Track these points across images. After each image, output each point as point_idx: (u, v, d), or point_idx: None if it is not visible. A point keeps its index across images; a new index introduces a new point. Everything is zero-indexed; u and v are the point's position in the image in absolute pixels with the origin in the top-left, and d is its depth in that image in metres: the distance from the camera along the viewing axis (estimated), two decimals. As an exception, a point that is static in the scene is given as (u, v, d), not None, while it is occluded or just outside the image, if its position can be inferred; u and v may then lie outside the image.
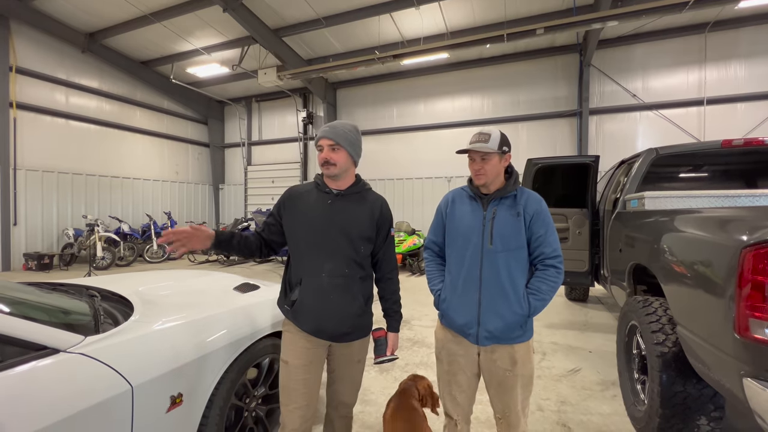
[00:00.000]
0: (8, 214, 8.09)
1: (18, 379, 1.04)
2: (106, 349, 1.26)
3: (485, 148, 1.49)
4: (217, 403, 1.63)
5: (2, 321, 1.08)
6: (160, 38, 9.19)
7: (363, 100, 11.36)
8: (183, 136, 12.28)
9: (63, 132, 9.13)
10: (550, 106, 9.25)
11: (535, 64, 9.35)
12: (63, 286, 1.91)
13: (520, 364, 1.53)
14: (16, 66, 8.24)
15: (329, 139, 1.51)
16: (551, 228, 1.55)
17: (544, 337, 4.02)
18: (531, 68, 9.40)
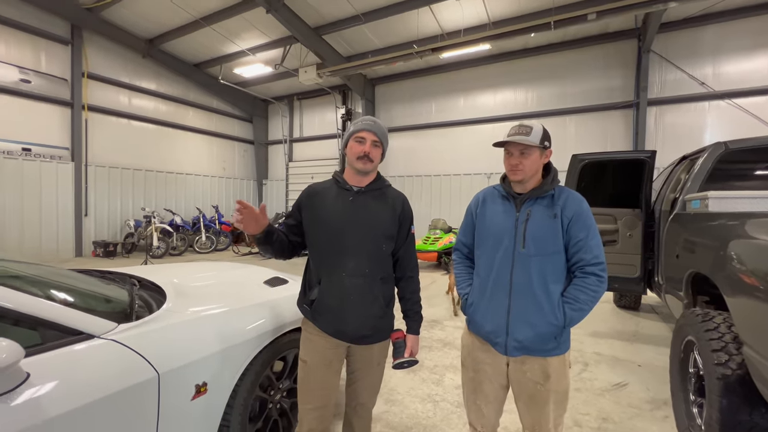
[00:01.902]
0: (81, 205, 9.01)
1: (55, 362, 1.12)
2: (136, 336, 1.32)
3: (526, 140, 1.36)
4: (242, 393, 1.68)
5: (44, 307, 1.17)
6: (210, 41, 9.71)
7: (401, 96, 11.27)
8: (230, 133, 12.95)
9: (125, 131, 9.98)
10: (601, 98, 8.59)
11: (585, 53, 8.72)
12: (110, 274, 2.07)
13: (554, 379, 1.40)
14: (88, 72, 9.11)
15: (373, 133, 1.48)
16: (593, 232, 1.40)
17: (586, 346, 3.74)
18: (580, 57, 8.78)
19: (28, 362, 1.05)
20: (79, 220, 8.98)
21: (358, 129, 1.50)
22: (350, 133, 1.52)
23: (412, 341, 1.57)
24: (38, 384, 1.04)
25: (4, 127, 7.80)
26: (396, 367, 1.54)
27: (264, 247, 1.50)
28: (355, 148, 1.48)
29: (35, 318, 1.13)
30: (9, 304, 1.11)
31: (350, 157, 1.50)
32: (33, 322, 1.13)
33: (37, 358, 1.08)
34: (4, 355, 0.91)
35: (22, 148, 8.02)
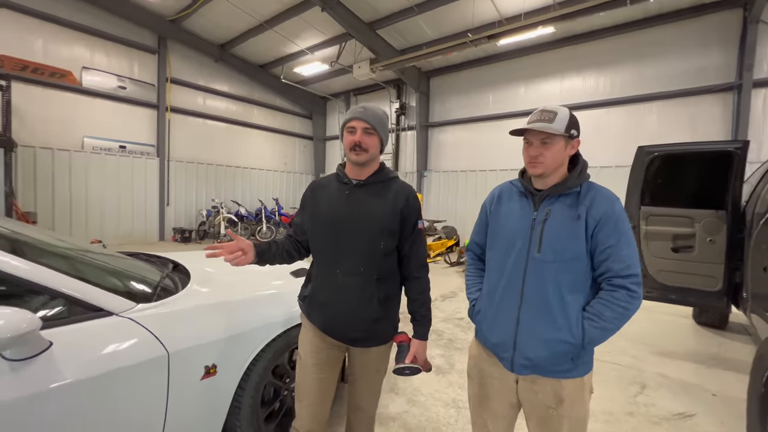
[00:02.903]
0: (164, 196, 10.21)
1: (76, 334, 1.25)
2: (151, 317, 1.44)
3: (548, 128, 1.18)
4: (253, 378, 1.74)
5: (71, 285, 1.31)
6: (273, 43, 10.29)
7: (457, 88, 10.89)
8: (291, 130, 13.67)
9: (201, 129, 11.05)
10: (690, 81, 7.42)
11: (670, 30, 7.58)
12: (153, 258, 2.29)
13: (568, 404, 1.22)
14: (171, 77, 10.24)
15: (363, 121, 1.39)
16: (626, 238, 1.18)
17: (649, 365, 3.29)
18: (665, 35, 7.65)
19: (53, 333, 1.19)
20: (162, 209, 10.19)
21: (348, 119, 1.42)
22: (342, 125, 1.45)
23: (416, 347, 1.45)
24: (59, 352, 1.18)
25: (105, 127, 9.11)
26: (396, 372, 1.44)
27: (265, 264, 1.50)
28: (347, 139, 1.41)
29: (63, 294, 1.28)
30: (42, 281, 1.26)
31: (345, 150, 1.44)
32: (61, 298, 1.28)
33: (60, 329, 1.22)
34: (24, 325, 1.03)
35: (119, 146, 9.32)
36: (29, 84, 7.90)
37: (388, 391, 2.66)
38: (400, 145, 12.23)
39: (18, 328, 1.02)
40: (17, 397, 1.08)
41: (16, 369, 1.10)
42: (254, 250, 1.45)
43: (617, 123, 8.32)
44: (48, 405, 1.14)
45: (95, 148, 8.92)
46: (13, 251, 1.31)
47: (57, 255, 1.62)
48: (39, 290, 1.25)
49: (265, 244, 1.52)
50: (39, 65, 8.04)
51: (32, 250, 1.55)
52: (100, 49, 9.00)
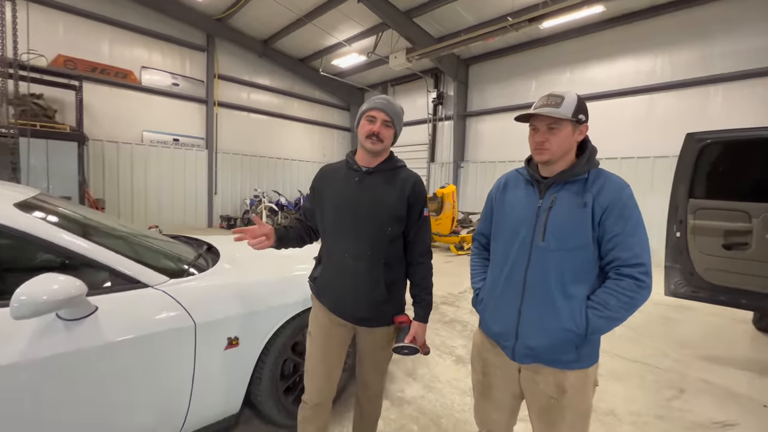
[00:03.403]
0: (212, 186, 10.93)
1: (117, 302, 1.44)
2: (181, 290, 1.60)
3: (554, 113, 1.16)
4: (273, 353, 1.88)
5: (115, 259, 1.50)
6: (312, 36, 10.52)
7: (497, 75, 10.50)
8: (329, 122, 13.96)
9: (245, 122, 11.64)
10: (763, 59, 6.57)
11: (741, 3, 6.73)
12: (192, 240, 2.51)
13: (570, 396, 1.20)
14: (219, 73, 10.85)
15: (386, 113, 1.44)
16: (635, 226, 1.14)
17: (693, 370, 3.06)
18: (734, 8, 6.81)
19: (99, 299, 1.38)
20: (210, 198, 10.93)
21: (370, 107, 1.46)
22: (362, 112, 1.49)
23: (416, 328, 1.51)
24: (102, 316, 1.36)
25: (161, 122, 9.89)
26: (395, 351, 1.51)
27: (282, 248, 1.60)
28: (365, 127, 1.45)
29: (108, 267, 1.47)
30: (97, 257, 1.45)
31: (360, 137, 1.48)
32: (106, 270, 1.47)
33: (104, 297, 1.41)
34: (73, 290, 1.21)
35: (172, 139, 10.09)
36: (97, 83, 8.76)
37: (405, 377, 2.72)
38: (437, 135, 12.07)
39: (68, 292, 1.19)
40: (69, 351, 1.28)
41: (69, 328, 1.29)
42: (275, 235, 1.55)
43: (676, 109, 7.60)
44: (93, 360, 1.33)
45: (153, 141, 9.73)
46: (73, 230, 1.51)
47: (110, 235, 1.85)
48: (90, 263, 1.45)
49: (283, 229, 1.61)
50: (106, 66, 8.90)
51: (88, 229, 1.78)
52: (157, 49, 9.74)
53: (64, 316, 1.28)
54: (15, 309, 1.12)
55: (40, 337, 1.24)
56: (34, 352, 1.22)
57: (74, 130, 7.21)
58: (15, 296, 1.12)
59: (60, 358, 1.26)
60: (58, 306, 1.20)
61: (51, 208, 1.66)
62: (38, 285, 1.16)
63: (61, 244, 1.39)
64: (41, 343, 1.24)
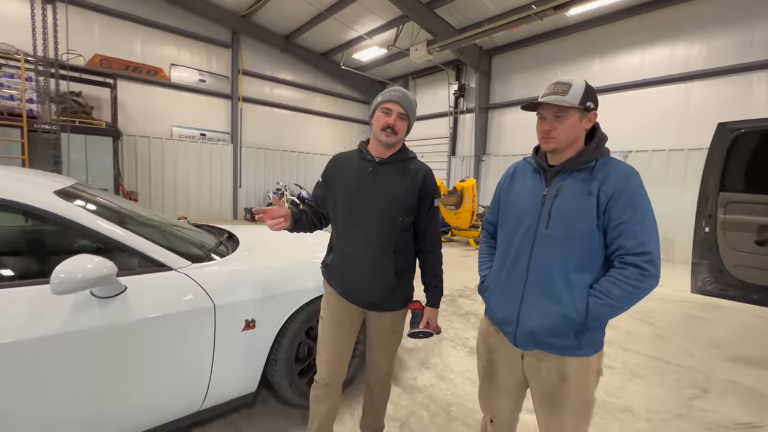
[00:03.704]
0: (237, 179, 11.29)
1: (144, 282, 1.55)
2: (202, 274, 1.70)
3: (561, 101, 1.16)
4: (288, 336, 1.97)
5: (143, 244, 1.61)
6: (333, 30, 10.58)
7: (521, 65, 10.22)
8: (350, 116, 14.05)
9: (268, 117, 11.90)
10: (818, 42, 6.08)
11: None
12: (214, 229, 2.63)
13: (572, 384, 1.21)
14: (243, 69, 11.12)
15: (402, 106, 1.48)
16: (642, 214, 1.12)
17: (719, 370, 2.94)
18: (785, -13, 6.33)
19: (128, 279, 1.50)
20: (235, 191, 11.30)
21: (386, 99, 1.49)
22: (378, 103, 1.52)
23: (429, 313, 1.59)
24: (131, 295, 1.48)
25: (189, 117, 10.28)
26: (411, 335, 1.58)
27: (295, 231, 1.67)
28: (381, 119, 1.48)
29: (137, 251, 1.58)
30: (127, 241, 1.57)
31: (375, 128, 1.51)
32: (135, 254, 1.59)
33: (133, 278, 1.52)
34: (105, 270, 1.33)
35: (199, 134, 10.47)
36: (130, 81, 9.19)
37: (418, 365, 2.77)
38: (458, 128, 11.92)
39: (101, 272, 1.31)
40: (102, 325, 1.40)
41: (102, 304, 1.41)
42: (291, 218, 1.61)
43: (714, 98, 7.17)
44: (122, 334, 1.44)
45: (181, 136, 10.13)
46: (105, 217, 1.63)
47: (139, 222, 1.97)
48: (120, 247, 1.57)
49: (298, 212, 1.67)
50: (138, 64, 9.31)
51: (118, 216, 1.91)
52: (185, 46, 10.09)
53: (98, 293, 1.40)
54: (55, 285, 1.24)
55: (76, 312, 1.36)
56: (72, 325, 1.34)
57: (110, 126, 7.62)
58: (54, 273, 1.24)
59: (94, 331, 1.38)
60: (92, 284, 1.31)
61: (87, 196, 1.80)
62: (75, 264, 1.27)
63: (94, 228, 1.51)
64: (78, 318, 1.36)
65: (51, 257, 2.00)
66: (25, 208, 1.43)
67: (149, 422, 1.60)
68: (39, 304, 1.33)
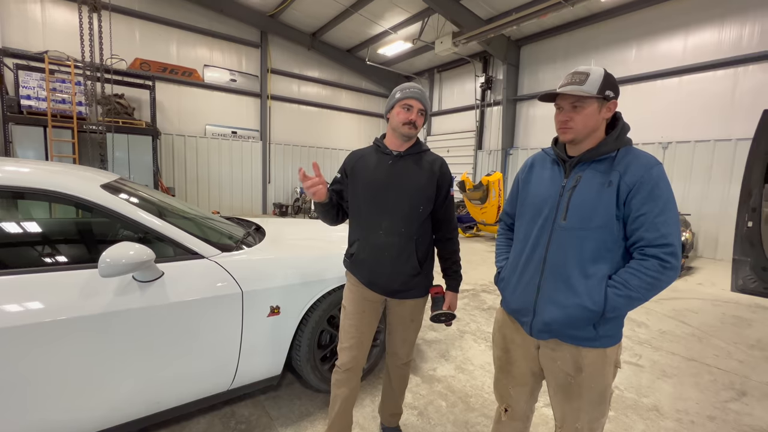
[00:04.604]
0: (266, 175, 11.66)
1: (179, 269, 1.68)
2: (231, 262, 1.82)
3: (578, 90, 1.14)
4: (311, 323, 2.06)
5: (179, 234, 1.74)
6: (358, 26, 10.65)
7: (552, 55, 9.85)
8: (376, 111, 14.10)
9: (295, 114, 12.18)
10: None
11: None
12: (243, 221, 2.77)
13: (587, 375, 1.21)
14: (271, 68, 11.42)
15: (421, 102, 1.56)
16: (663, 205, 1.10)
17: (757, 372, 2.78)
18: None
19: (165, 266, 1.63)
20: (265, 187, 11.68)
21: (406, 96, 1.55)
22: (396, 100, 1.58)
23: (450, 297, 1.67)
24: (168, 280, 1.61)
25: (221, 116, 10.71)
26: (433, 319, 1.64)
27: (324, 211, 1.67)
28: (402, 115, 1.55)
29: (173, 240, 1.72)
30: (164, 231, 1.71)
31: (396, 123, 1.57)
32: (171, 243, 1.72)
33: (169, 264, 1.66)
34: (145, 256, 1.45)
35: (231, 132, 10.88)
36: (167, 83, 9.69)
37: (438, 357, 2.80)
38: (485, 122, 11.68)
39: (141, 258, 1.44)
40: (142, 307, 1.53)
41: (143, 288, 1.55)
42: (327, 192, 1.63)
43: (766, 84, 6.62)
44: (161, 316, 1.58)
45: (214, 134, 10.59)
46: (145, 208, 1.78)
47: (177, 215, 2.12)
48: (159, 237, 1.70)
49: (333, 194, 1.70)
50: (174, 66, 9.79)
51: (157, 208, 2.07)
52: (217, 48, 10.49)
53: (139, 278, 1.54)
54: (102, 269, 1.38)
55: (120, 294, 1.50)
56: (116, 305, 1.49)
57: (149, 126, 8.09)
58: (101, 258, 1.37)
59: (135, 312, 1.52)
60: (134, 268, 1.44)
61: (129, 190, 1.96)
62: (119, 250, 1.41)
63: (135, 218, 1.65)
64: (121, 299, 1.50)
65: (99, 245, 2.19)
66: (76, 200, 1.58)
67: (184, 397, 1.74)
68: (90, 285, 1.47)
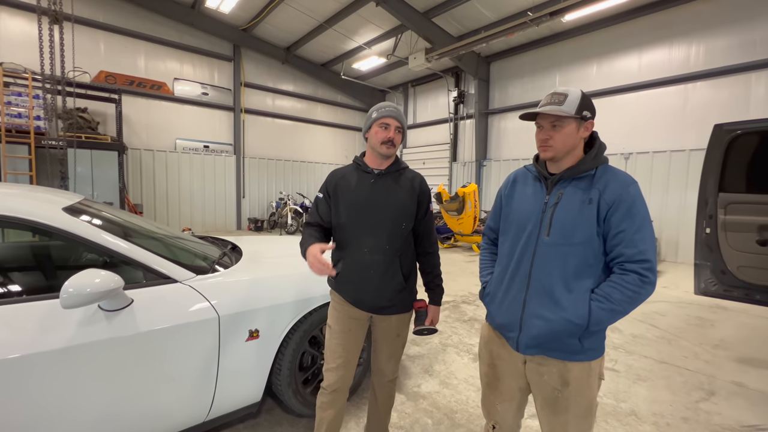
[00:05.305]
0: (240, 189, 11.39)
1: (150, 295, 1.59)
2: (206, 286, 1.74)
3: (557, 110, 1.20)
4: (291, 345, 1.99)
5: (148, 257, 1.65)
6: (333, 41, 10.75)
7: (520, 71, 10.31)
8: (351, 124, 14.18)
9: (270, 128, 12.04)
10: (815, 41, 6.10)
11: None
12: (218, 240, 2.67)
13: (574, 388, 1.22)
14: (245, 81, 11.29)
15: (398, 121, 1.58)
16: (640, 223, 1.15)
17: (725, 372, 2.92)
18: (780, -12, 6.37)
19: (134, 293, 1.54)
20: (239, 201, 11.39)
21: (383, 115, 1.57)
22: (374, 120, 1.59)
23: (433, 311, 1.68)
24: (138, 308, 1.51)
25: (193, 130, 10.43)
26: (416, 333, 1.64)
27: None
28: (381, 134, 1.56)
29: (143, 264, 1.62)
30: (133, 255, 1.61)
31: (374, 142, 1.58)
32: (141, 267, 1.63)
33: (139, 290, 1.56)
34: (113, 283, 1.36)
35: (203, 146, 10.60)
36: (135, 96, 9.37)
37: (422, 372, 2.78)
38: (459, 134, 11.99)
39: (108, 286, 1.35)
40: (109, 338, 1.43)
41: (109, 318, 1.45)
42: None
43: (714, 99, 7.20)
44: (129, 347, 1.48)
45: (185, 149, 10.27)
46: (112, 232, 1.68)
47: (145, 236, 2.02)
48: (124, 260, 1.61)
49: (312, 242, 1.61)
50: (142, 79, 9.49)
51: (125, 230, 1.96)
52: (188, 61, 10.28)
53: (105, 307, 1.44)
54: (64, 299, 1.28)
55: (85, 326, 1.40)
56: (80, 338, 1.38)
57: (115, 141, 7.75)
58: (63, 288, 1.27)
59: (101, 344, 1.41)
60: (100, 297, 1.35)
61: (94, 211, 1.85)
62: (83, 278, 1.31)
63: (101, 243, 1.56)
64: (86, 331, 1.40)
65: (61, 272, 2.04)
66: (36, 225, 1.47)
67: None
68: (49, 317, 1.36)
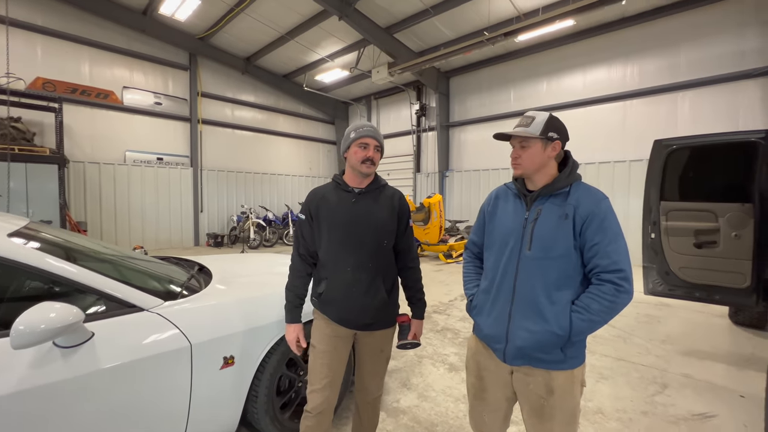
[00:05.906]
0: (198, 203, 10.83)
1: (113, 327, 1.46)
2: (176, 312, 1.63)
3: (524, 132, 1.30)
4: (268, 369, 1.91)
5: (110, 284, 1.52)
6: (295, 53, 10.68)
7: (477, 86, 10.82)
8: (315, 136, 14.06)
9: (230, 139, 11.63)
10: (727, 65, 7.00)
11: (706, 12, 7.19)
12: (182, 261, 2.52)
13: (558, 396, 1.28)
14: (202, 91, 10.86)
15: (376, 140, 1.60)
16: (613, 235, 1.24)
17: (674, 365, 3.19)
18: (700, 18, 7.26)
19: (95, 325, 1.40)
20: (196, 216, 10.81)
21: (362, 135, 1.58)
22: (352, 140, 1.60)
23: (416, 325, 1.70)
24: (99, 342, 1.38)
25: (145, 141, 9.81)
26: (400, 347, 1.65)
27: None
28: (360, 153, 1.57)
29: (102, 292, 1.49)
30: (86, 281, 1.48)
31: (354, 162, 1.58)
32: (101, 296, 1.49)
33: (101, 323, 1.43)
34: (71, 317, 1.24)
35: (156, 158, 9.99)
36: (78, 105, 8.67)
37: (400, 387, 2.76)
38: (422, 146, 12.29)
39: (66, 320, 1.22)
40: (66, 379, 1.29)
41: (66, 355, 1.31)
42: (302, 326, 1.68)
43: (647, 114, 7.99)
44: (91, 386, 1.34)
45: (136, 161, 9.62)
46: (67, 258, 1.53)
47: (100, 260, 1.86)
48: (84, 289, 1.47)
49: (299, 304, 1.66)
50: (86, 87, 8.82)
51: (81, 255, 1.80)
52: (139, 69, 9.71)
53: (61, 343, 1.30)
54: (14, 339, 1.14)
55: (38, 366, 1.25)
56: (33, 380, 1.23)
57: (54, 153, 7.10)
58: (14, 326, 1.14)
59: (58, 386, 1.27)
60: (56, 334, 1.22)
61: (44, 237, 1.68)
62: (36, 314, 1.18)
63: (60, 273, 1.41)
64: (39, 372, 1.25)
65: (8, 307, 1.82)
66: (-25, 256, 1.31)
67: (120, 479, 1.48)
68: (-5, 360, 1.21)
